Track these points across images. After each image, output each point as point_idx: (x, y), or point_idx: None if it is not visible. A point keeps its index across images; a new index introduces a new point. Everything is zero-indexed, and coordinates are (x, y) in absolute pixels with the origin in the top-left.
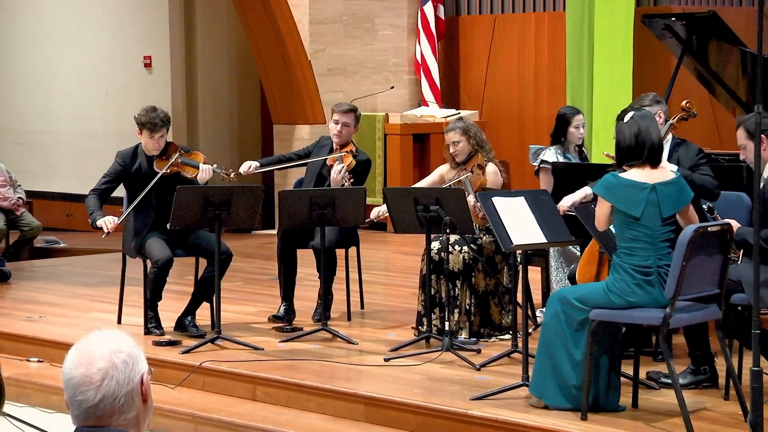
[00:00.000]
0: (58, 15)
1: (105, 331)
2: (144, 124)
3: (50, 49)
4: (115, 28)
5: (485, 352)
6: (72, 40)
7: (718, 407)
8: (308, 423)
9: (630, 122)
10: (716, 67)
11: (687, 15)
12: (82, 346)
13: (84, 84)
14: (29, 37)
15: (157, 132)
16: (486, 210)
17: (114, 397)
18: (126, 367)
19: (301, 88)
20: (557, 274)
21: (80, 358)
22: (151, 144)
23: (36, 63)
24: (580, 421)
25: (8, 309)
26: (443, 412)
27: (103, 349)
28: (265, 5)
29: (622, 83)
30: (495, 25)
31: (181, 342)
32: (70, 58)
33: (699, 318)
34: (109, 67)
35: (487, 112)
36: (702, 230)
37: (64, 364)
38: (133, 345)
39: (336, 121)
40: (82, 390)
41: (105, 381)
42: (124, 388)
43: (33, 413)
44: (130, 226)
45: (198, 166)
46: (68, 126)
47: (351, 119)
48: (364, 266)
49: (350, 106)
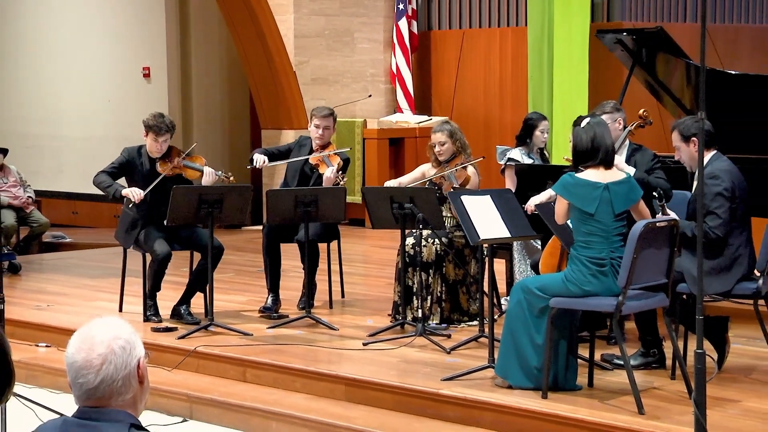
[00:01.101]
0: (64, 30)
1: (105, 319)
2: (151, 127)
3: (57, 61)
4: (116, 41)
5: (455, 336)
6: (77, 53)
7: (665, 386)
8: (294, 402)
9: (586, 127)
10: (663, 77)
11: (637, 30)
12: (84, 333)
13: (88, 93)
14: (38, 50)
15: (162, 136)
16: (455, 207)
17: (112, 380)
18: (123, 352)
19: (287, 96)
20: (520, 266)
21: (82, 344)
22: (155, 147)
23: (44, 74)
24: (541, 399)
25: (18, 298)
26: (417, 392)
27: (103, 336)
28: (254, 20)
29: (579, 92)
30: (463, 39)
31: (177, 328)
32: (75, 69)
33: (648, 305)
34: (111, 77)
35: (457, 118)
36: (651, 225)
37: (67, 349)
38: (130, 332)
39: (317, 126)
40: (83, 373)
41: (104, 365)
42: (121, 371)
43: (41, 393)
44: (127, 217)
45: (201, 169)
46: (73, 131)
47: (330, 122)
48: (345, 259)
49: (328, 110)
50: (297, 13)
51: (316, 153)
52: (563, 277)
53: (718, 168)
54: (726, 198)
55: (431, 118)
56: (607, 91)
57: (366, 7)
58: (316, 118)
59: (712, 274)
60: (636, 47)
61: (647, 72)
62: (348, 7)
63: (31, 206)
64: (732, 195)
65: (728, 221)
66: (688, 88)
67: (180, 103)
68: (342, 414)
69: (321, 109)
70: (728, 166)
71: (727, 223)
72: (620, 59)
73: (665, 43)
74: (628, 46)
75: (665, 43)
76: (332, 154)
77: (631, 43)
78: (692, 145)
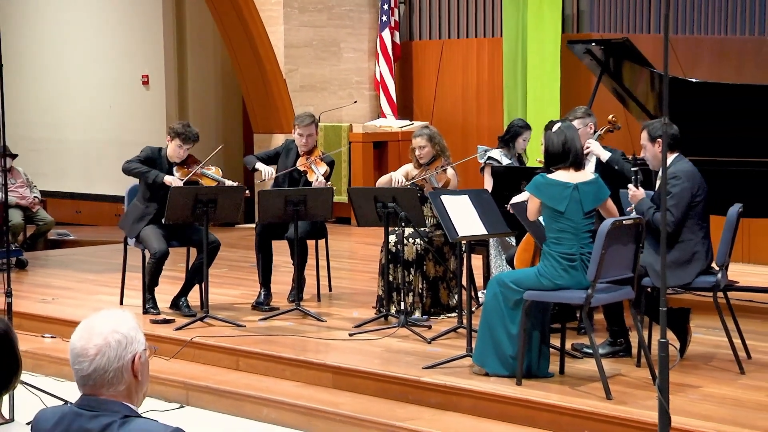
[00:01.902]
0: (68, 41)
1: (112, 311)
2: (180, 134)
3: (61, 70)
4: (117, 51)
5: (435, 327)
6: (80, 62)
7: (631, 373)
8: (284, 389)
9: (558, 132)
10: (629, 85)
11: (604, 41)
12: (88, 322)
13: (90, 99)
14: (43, 60)
15: (187, 144)
16: (435, 207)
17: (104, 371)
18: (119, 346)
19: (277, 102)
20: (496, 261)
21: (83, 332)
22: (178, 153)
23: (49, 82)
24: (515, 386)
25: (26, 292)
26: (399, 379)
27: (103, 328)
28: (246, 31)
29: (551, 98)
30: (443, 48)
31: (175, 320)
32: (78, 77)
33: (615, 298)
34: (112, 85)
35: (437, 123)
36: (618, 223)
37: (72, 335)
38: (131, 327)
39: (300, 134)
40: (79, 360)
41: (97, 356)
42: (113, 364)
43: (47, 381)
44: (138, 210)
45: (217, 179)
46: (77, 135)
47: (312, 129)
48: (332, 255)
49: (309, 118)
50: (287, 25)
51: (303, 159)
52: (536, 271)
53: (679, 169)
54: (682, 197)
55: (413, 123)
56: (577, 98)
57: (351, 19)
58: (298, 127)
59: (673, 267)
60: (604, 57)
61: (614, 80)
62: (335, 19)
63: (37, 206)
64: (690, 195)
65: (680, 219)
66: (652, 95)
67: (177, 108)
68: (329, 400)
69: (302, 119)
70: (689, 168)
71: (680, 221)
72: (589, 68)
73: (631, 52)
74: (596, 56)
75: (631, 53)
76: (318, 159)
77: (599, 52)
78: (657, 145)
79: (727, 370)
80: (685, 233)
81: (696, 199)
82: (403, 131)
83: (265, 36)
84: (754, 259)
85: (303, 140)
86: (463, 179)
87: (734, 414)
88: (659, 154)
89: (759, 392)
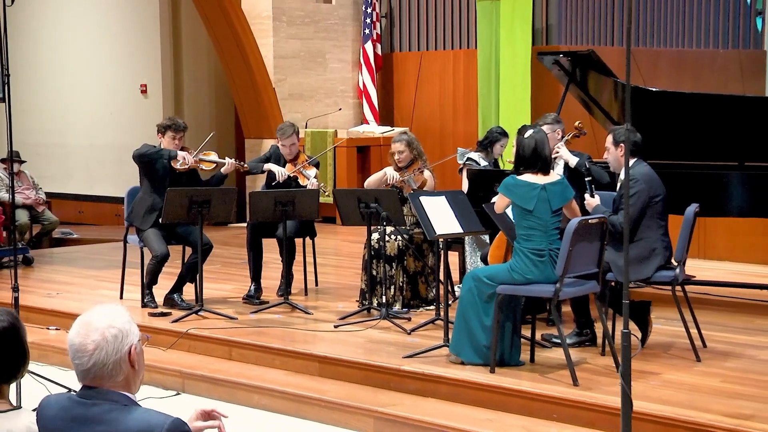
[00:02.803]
0: (72, 53)
1: (106, 306)
2: (169, 126)
3: (65, 80)
4: (117, 63)
5: (414, 319)
6: (83, 73)
7: (596, 361)
8: (273, 377)
9: (530, 138)
10: (594, 93)
11: (571, 53)
12: (84, 319)
13: (92, 107)
14: (49, 71)
15: (179, 133)
16: (415, 207)
17: (103, 365)
18: (115, 340)
19: (267, 109)
20: (471, 257)
21: (80, 329)
22: (173, 144)
23: (54, 91)
24: (489, 373)
25: (32, 287)
26: (381, 368)
27: (99, 324)
28: (239, 43)
29: (522, 106)
30: (421, 60)
31: (171, 313)
32: (82, 86)
33: (582, 291)
34: (112, 93)
35: (416, 128)
36: (584, 222)
37: (69, 332)
38: (125, 320)
39: (283, 145)
40: (78, 356)
41: (96, 351)
42: (112, 357)
43: (51, 370)
44: (146, 201)
45: (217, 161)
46: (79, 140)
47: (294, 138)
48: (318, 252)
49: (290, 128)
50: (276, 37)
51: (291, 165)
52: (509, 267)
53: (637, 172)
54: (638, 198)
55: (394, 129)
56: (546, 106)
57: (336, 32)
58: (281, 139)
59: (634, 263)
60: (571, 67)
61: (581, 89)
62: (321, 32)
63: (42, 206)
64: (647, 196)
65: (637, 218)
66: (615, 103)
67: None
68: (316, 387)
69: (283, 131)
70: (647, 171)
71: (636, 219)
72: (557, 78)
73: (596, 64)
74: (564, 67)
75: (596, 64)
76: (306, 163)
77: (566, 63)
78: (620, 149)
79: (684, 358)
80: (645, 231)
81: (654, 199)
82: (384, 136)
83: (255, 48)
84: (709, 255)
85: (287, 150)
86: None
87: (691, 398)
88: (621, 158)
89: (713, 378)
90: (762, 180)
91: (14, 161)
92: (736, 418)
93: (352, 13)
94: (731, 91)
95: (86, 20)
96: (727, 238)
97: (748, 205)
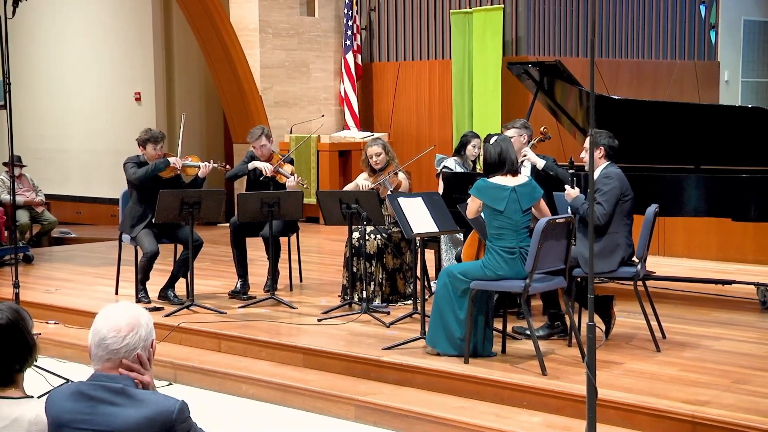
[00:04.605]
0: (70, 64)
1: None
2: (149, 139)
3: (64, 88)
4: (112, 72)
5: (393, 313)
6: (80, 81)
7: (563, 352)
8: (260, 368)
9: (494, 144)
10: (561, 101)
11: (539, 63)
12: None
13: (89, 114)
14: (48, 80)
15: (159, 143)
16: (393, 208)
17: (134, 348)
18: (147, 329)
19: (254, 116)
20: (446, 255)
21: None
22: (156, 154)
23: (53, 99)
24: (463, 364)
25: (32, 284)
26: (362, 359)
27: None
28: (227, 54)
29: (494, 113)
30: (399, 69)
31: (164, 308)
32: (79, 95)
33: (550, 286)
34: (108, 101)
35: (394, 134)
36: (552, 222)
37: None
38: (150, 318)
39: (254, 147)
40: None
41: (131, 334)
42: (141, 343)
43: (50, 362)
44: (136, 211)
45: (198, 165)
46: (77, 145)
47: (263, 140)
48: (302, 250)
49: (258, 131)
50: (262, 48)
51: (267, 165)
52: (481, 264)
53: (611, 171)
54: (612, 195)
55: (373, 134)
56: (516, 113)
57: (319, 44)
58: (251, 142)
59: (599, 256)
60: (539, 77)
61: (548, 97)
62: (304, 43)
63: (41, 207)
64: (619, 193)
65: (611, 213)
66: (580, 110)
67: (165, 122)
68: (300, 377)
69: (252, 134)
70: (619, 171)
71: (609, 214)
72: (526, 86)
73: (562, 73)
74: (532, 76)
75: (562, 74)
76: (281, 162)
77: (535, 73)
78: (596, 151)
79: (645, 348)
80: (612, 226)
81: (624, 197)
82: (364, 141)
83: (243, 58)
84: (668, 253)
85: (259, 152)
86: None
87: (651, 386)
88: (596, 159)
89: (672, 367)
90: (717, 182)
91: (15, 165)
92: (694, 404)
93: (334, 26)
94: (687, 99)
95: (83, 32)
96: (685, 237)
97: (704, 205)
